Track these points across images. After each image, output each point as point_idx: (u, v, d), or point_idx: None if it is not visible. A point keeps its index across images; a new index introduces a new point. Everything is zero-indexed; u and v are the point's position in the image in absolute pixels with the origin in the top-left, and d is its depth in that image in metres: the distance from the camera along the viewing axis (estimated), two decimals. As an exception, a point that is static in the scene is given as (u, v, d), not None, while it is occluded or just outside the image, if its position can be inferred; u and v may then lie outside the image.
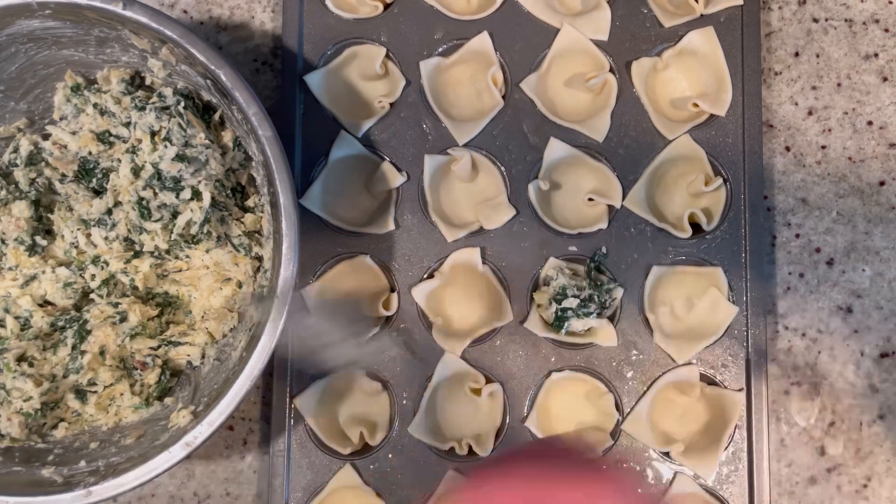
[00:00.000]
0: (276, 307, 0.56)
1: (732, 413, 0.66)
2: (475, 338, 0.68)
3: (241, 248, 0.63)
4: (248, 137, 0.60)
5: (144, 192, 0.60)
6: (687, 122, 0.69)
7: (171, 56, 0.60)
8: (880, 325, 0.70)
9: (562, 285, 0.66)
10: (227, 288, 0.65)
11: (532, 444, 0.64)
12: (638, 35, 0.69)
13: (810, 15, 0.72)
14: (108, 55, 0.63)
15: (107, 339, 0.62)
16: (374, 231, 0.69)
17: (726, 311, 0.67)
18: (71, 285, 0.64)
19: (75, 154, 0.63)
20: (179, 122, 0.59)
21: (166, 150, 0.59)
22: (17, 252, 0.63)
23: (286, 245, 0.57)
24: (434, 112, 0.69)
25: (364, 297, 0.70)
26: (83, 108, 0.63)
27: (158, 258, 0.64)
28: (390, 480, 0.67)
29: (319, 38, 0.70)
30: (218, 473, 0.71)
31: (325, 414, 0.68)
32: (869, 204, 0.71)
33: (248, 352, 0.57)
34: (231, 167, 0.63)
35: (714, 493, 0.67)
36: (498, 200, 0.68)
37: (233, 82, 0.57)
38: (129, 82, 0.63)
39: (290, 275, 0.57)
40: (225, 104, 0.60)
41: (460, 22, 0.69)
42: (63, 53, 0.62)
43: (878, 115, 0.71)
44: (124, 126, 0.63)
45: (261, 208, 0.64)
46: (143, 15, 0.56)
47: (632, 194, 0.68)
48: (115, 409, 0.63)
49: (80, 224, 0.63)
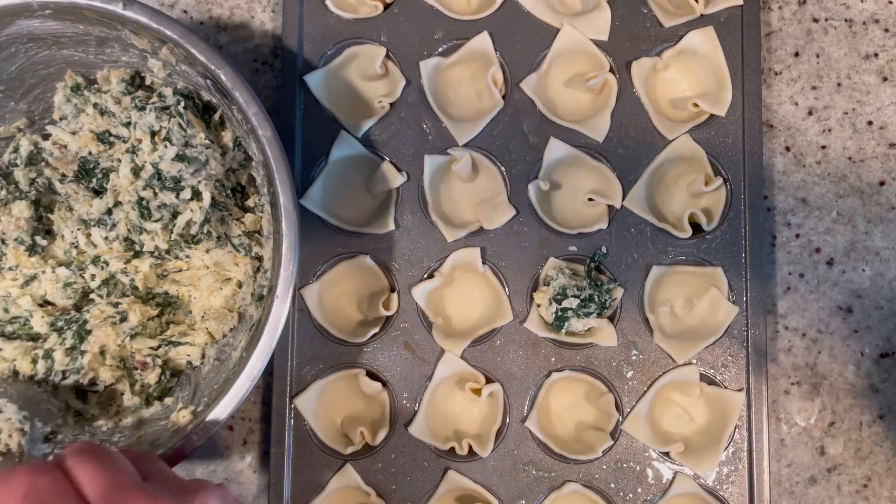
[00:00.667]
0: (276, 307, 0.56)
1: (732, 413, 0.66)
2: (475, 338, 0.68)
3: (241, 248, 0.63)
4: (248, 137, 0.60)
5: (144, 192, 0.60)
6: (687, 122, 0.69)
7: (171, 56, 0.60)
8: (880, 325, 0.70)
9: (562, 285, 0.66)
10: (227, 288, 0.65)
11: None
12: (638, 35, 0.69)
13: (810, 15, 0.72)
14: (108, 55, 0.63)
15: (107, 339, 0.62)
16: (374, 231, 0.69)
17: (726, 311, 0.67)
18: (71, 285, 0.64)
19: (75, 154, 0.63)
20: (179, 122, 0.59)
21: (166, 150, 0.59)
22: (17, 252, 0.63)
23: (286, 245, 0.57)
24: (434, 112, 0.69)
25: (364, 297, 0.70)
26: (83, 108, 0.63)
27: (158, 258, 0.64)
28: (390, 480, 0.68)
29: (319, 38, 0.70)
30: (218, 473, 0.71)
31: (325, 414, 0.68)
32: (869, 204, 0.71)
33: (248, 352, 0.57)
34: (231, 167, 0.63)
35: (714, 493, 0.67)
36: (498, 200, 0.68)
37: (233, 82, 0.57)
38: (129, 82, 0.63)
39: (290, 274, 0.57)
40: (225, 104, 0.60)
41: (460, 22, 0.69)
42: (63, 53, 0.62)
43: (878, 115, 0.71)
44: (124, 126, 0.63)
45: (261, 208, 0.64)
46: (143, 15, 0.56)
47: (632, 194, 0.68)
48: (114, 408, 0.63)
49: (80, 224, 0.63)
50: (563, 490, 0.67)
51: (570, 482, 0.67)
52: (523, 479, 0.67)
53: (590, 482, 0.67)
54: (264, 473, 0.71)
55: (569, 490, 0.67)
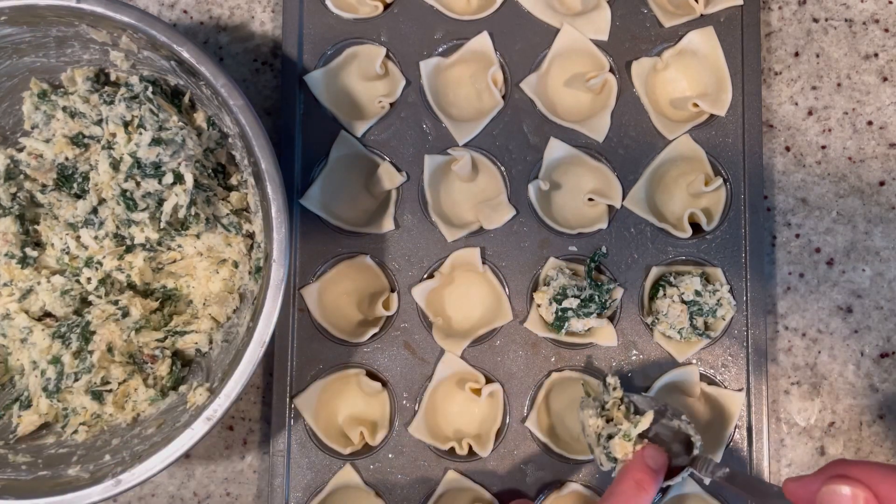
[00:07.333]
0: (275, 271, 0.56)
1: (732, 413, 0.66)
2: (475, 338, 0.68)
3: (232, 227, 0.63)
4: (221, 111, 0.59)
5: (127, 184, 0.59)
6: (687, 122, 0.69)
7: (131, 44, 0.59)
8: (880, 325, 0.70)
9: (562, 285, 0.66)
10: (223, 270, 0.65)
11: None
12: (638, 35, 0.69)
13: (810, 15, 0.72)
14: (70, 56, 0.63)
15: (112, 336, 0.62)
16: (374, 231, 0.69)
17: (726, 311, 0.67)
18: (68, 292, 0.64)
19: (52, 162, 0.63)
20: (151, 108, 0.59)
21: (141, 136, 0.58)
22: (9, 267, 0.63)
23: (275, 209, 0.57)
24: (434, 112, 0.69)
25: (364, 297, 0.70)
26: (53, 113, 0.63)
27: (151, 250, 0.64)
28: (390, 480, 0.68)
29: (319, 38, 0.70)
30: (218, 473, 0.71)
31: (325, 414, 0.68)
32: (869, 204, 0.71)
33: (253, 322, 0.58)
34: (209, 147, 0.63)
35: (714, 494, 0.67)
36: (498, 200, 0.68)
37: (197, 57, 0.56)
38: (94, 80, 0.63)
39: (282, 237, 0.57)
40: (192, 83, 0.60)
41: (460, 22, 0.69)
42: (24, 61, 0.62)
43: (878, 115, 0.71)
44: (96, 125, 0.62)
45: (245, 185, 0.64)
46: (98, 5, 0.56)
47: (632, 194, 0.68)
48: (131, 404, 0.63)
49: (68, 228, 0.63)
50: (563, 490, 0.67)
51: (570, 482, 0.67)
52: (523, 480, 0.67)
53: (590, 482, 0.67)
54: (264, 473, 0.71)
55: (569, 490, 0.67)
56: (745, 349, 0.67)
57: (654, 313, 0.67)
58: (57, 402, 0.62)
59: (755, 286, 0.68)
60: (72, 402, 0.62)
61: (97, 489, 0.56)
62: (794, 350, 0.70)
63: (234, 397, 0.56)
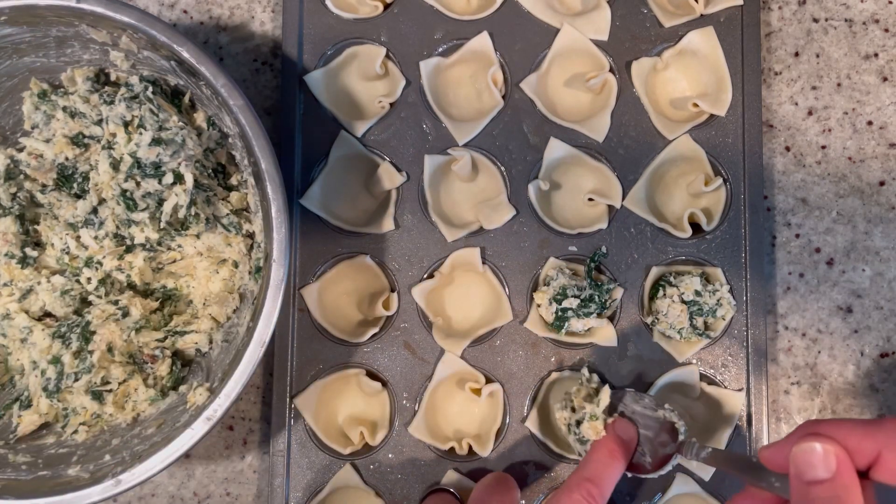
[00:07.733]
0: (275, 271, 0.56)
1: (732, 413, 0.66)
2: (475, 338, 0.68)
3: (232, 227, 0.63)
4: (221, 112, 0.59)
5: (127, 184, 0.59)
6: (687, 122, 0.69)
7: (131, 44, 0.59)
8: (880, 325, 0.70)
9: (562, 285, 0.66)
10: (223, 270, 0.65)
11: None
12: (638, 35, 0.69)
13: (810, 15, 0.72)
14: (70, 56, 0.63)
15: (112, 336, 0.62)
16: (374, 231, 0.69)
17: (726, 311, 0.67)
18: (68, 292, 0.64)
19: (52, 162, 0.63)
20: (151, 108, 0.59)
21: (142, 136, 0.58)
22: (9, 267, 0.63)
23: (275, 209, 0.57)
24: (434, 112, 0.69)
25: (364, 296, 0.70)
26: (53, 113, 0.63)
27: (151, 250, 0.64)
28: (390, 480, 0.68)
29: (319, 38, 0.70)
30: (218, 473, 0.71)
31: (325, 414, 0.68)
32: (869, 204, 0.71)
33: (253, 321, 0.58)
34: (209, 147, 0.63)
35: (714, 493, 0.67)
36: (498, 200, 0.68)
37: (197, 57, 0.56)
38: (94, 80, 0.63)
39: (282, 237, 0.57)
40: (192, 83, 0.60)
41: (460, 22, 0.69)
42: (24, 61, 0.62)
43: (878, 115, 0.71)
44: (96, 125, 0.62)
45: (244, 185, 0.64)
46: (98, 5, 0.56)
47: (632, 194, 0.68)
48: (131, 404, 0.63)
49: (68, 228, 0.63)
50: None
51: (570, 482, 0.67)
52: (523, 480, 0.67)
53: (590, 482, 0.67)
54: (264, 473, 0.71)
55: (569, 490, 0.67)
56: (745, 349, 0.67)
57: (654, 313, 0.67)
58: (57, 402, 0.62)
59: (755, 286, 0.68)
60: (72, 402, 0.62)
61: (97, 489, 0.56)
62: (794, 350, 0.70)
63: (234, 397, 0.56)
